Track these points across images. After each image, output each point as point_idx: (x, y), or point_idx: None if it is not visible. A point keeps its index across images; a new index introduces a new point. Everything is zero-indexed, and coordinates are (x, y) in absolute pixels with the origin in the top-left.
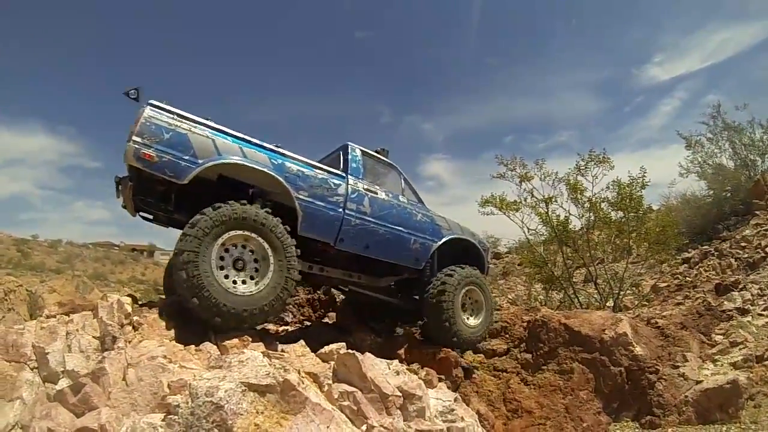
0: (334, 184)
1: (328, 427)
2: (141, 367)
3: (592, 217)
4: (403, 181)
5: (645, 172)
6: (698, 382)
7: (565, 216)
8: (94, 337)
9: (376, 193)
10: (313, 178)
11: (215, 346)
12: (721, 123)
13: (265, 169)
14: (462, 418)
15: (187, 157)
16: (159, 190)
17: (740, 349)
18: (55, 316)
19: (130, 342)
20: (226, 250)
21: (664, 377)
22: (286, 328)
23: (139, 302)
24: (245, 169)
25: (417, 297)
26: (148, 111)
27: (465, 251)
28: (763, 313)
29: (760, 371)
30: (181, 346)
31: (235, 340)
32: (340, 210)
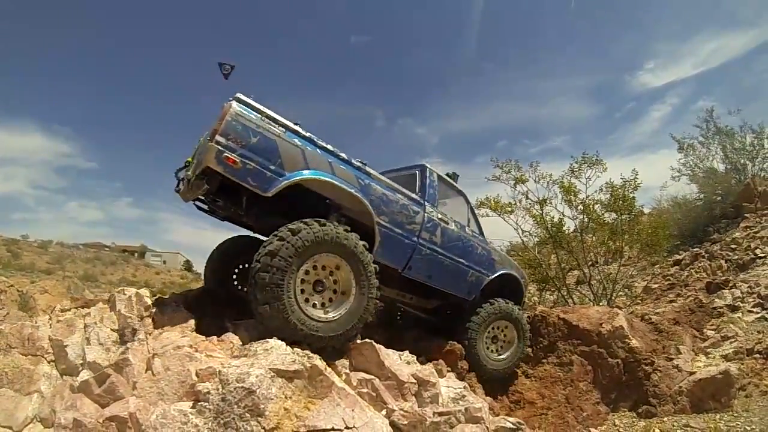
0: (413, 211)
1: (353, 410)
2: (167, 357)
3: (586, 219)
4: (468, 211)
5: (637, 175)
6: (692, 373)
7: (559, 218)
8: (112, 329)
9: (448, 224)
10: (394, 204)
11: (237, 337)
12: (713, 127)
13: (352, 191)
14: (474, 403)
15: (273, 167)
16: (232, 194)
17: (731, 343)
18: (69, 310)
19: (150, 334)
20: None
21: (659, 369)
22: None
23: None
24: (331, 186)
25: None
26: (235, 107)
27: (506, 283)
28: (752, 309)
29: (750, 363)
30: (202, 337)
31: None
32: (415, 239)
